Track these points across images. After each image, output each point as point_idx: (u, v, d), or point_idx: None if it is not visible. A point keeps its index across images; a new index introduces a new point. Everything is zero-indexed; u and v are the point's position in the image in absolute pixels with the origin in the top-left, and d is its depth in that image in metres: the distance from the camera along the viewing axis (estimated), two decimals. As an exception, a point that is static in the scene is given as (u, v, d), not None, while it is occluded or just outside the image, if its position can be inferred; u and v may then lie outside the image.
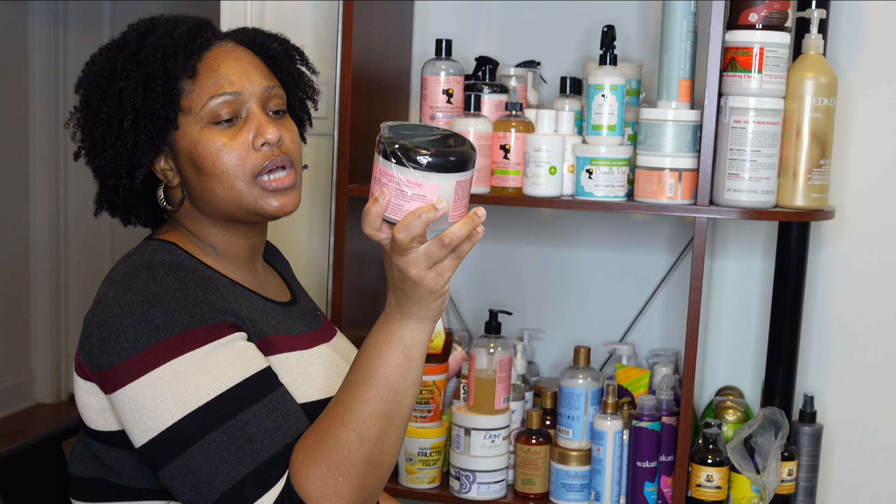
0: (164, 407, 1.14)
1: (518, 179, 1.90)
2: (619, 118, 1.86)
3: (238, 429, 1.14)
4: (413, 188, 1.07)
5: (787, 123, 1.85)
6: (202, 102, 1.26)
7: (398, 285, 1.14)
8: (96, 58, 1.32)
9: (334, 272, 1.97)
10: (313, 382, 1.27)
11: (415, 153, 1.06)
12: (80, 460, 1.29)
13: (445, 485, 1.99)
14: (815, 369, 2.16)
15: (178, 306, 1.17)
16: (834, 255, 2.13)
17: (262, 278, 1.38)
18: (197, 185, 1.28)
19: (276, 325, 1.29)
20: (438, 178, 1.06)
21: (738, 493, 1.90)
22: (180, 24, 1.30)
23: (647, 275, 2.21)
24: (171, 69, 1.25)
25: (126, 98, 1.26)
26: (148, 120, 1.26)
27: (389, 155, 1.07)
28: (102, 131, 1.27)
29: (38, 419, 4.18)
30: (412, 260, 1.11)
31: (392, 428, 1.16)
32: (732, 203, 1.83)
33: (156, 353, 1.15)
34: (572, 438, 1.95)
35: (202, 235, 1.32)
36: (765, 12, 1.81)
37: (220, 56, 1.29)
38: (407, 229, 1.08)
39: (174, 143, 1.28)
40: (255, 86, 1.29)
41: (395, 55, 2.19)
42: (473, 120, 1.89)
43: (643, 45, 2.17)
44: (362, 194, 1.97)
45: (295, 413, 1.19)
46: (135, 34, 1.30)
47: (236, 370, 1.16)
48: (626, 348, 2.11)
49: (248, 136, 1.27)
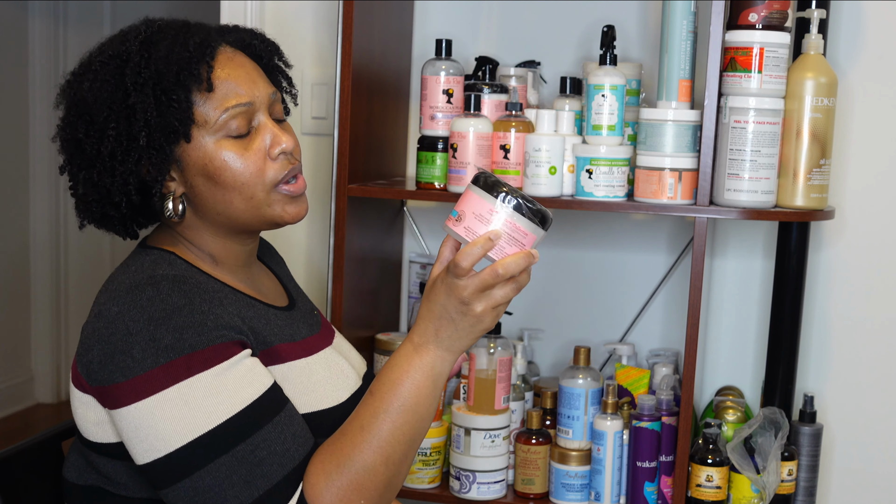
0: (171, 429, 1.13)
1: (518, 179, 1.90)
2: (619, 118, 1.86)
3: (248, 453, 1.14)
4: (520, 235, 1.17)
5: (787, 123, 1.85)
6: (217, 114, 1.23)
7: (452, 317, 1.18)
8: (95, 70, 1.25)
9: (334, 272, 1.97)
10: (317, 392, 1.27)
11: (534, 206, 1.17)
12: (75, 467, 1.28)
13: (445, 485, 1.99)
14: (815, 369, 2.16)
15: (185, 325, 1.15)
16: (834, 255, 2.13)
17: (258, 282, 1.37)
18: (210, 198, 1.26)
19: (279, 333, 1.28)
20: (539, 232, 1.18)
21: (738, 493, 1.90)
22: (189, 34, 1.26)
23: (647, 275, 2.21)
24: (185, 82, 1.22)
25: (139, 114, 1.21)
26: (161, 135, 1.22)
27: (506, 199, 1.16)
28: (112, 149, 1.22)
29: (38, 419, 4.18)
30: (477, 294, 1.17)
31: (413, 451, 1.21)
32: (732, 203, 1.83)
33: (164, 374, 1.13)
34: (572, 438, 1.95)
35: (200, 244, 1.30)
36: (765, 12, 1.81)
37: (226, 64, 1.27)
38: (505, 268, 1.15)
39: (182, 156, 1.25)
40: (262, 93, 1.28)
41: (395, 55, 2.19)
42: (473, 120, 1.89)
43: (643, 45, 2.17)
44: (362, 194, 1.97)
45: (302, 433, 1.20)
46: (135, 44, 1.24)
47: (245, 392, 1.16)
48: (626, 348, 2.11)
49: (262, 146, 1.25)
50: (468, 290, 1.16)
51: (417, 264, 2.26)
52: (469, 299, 1.16)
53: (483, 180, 1.17)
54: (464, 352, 1.21)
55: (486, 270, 1.16)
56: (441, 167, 1.95)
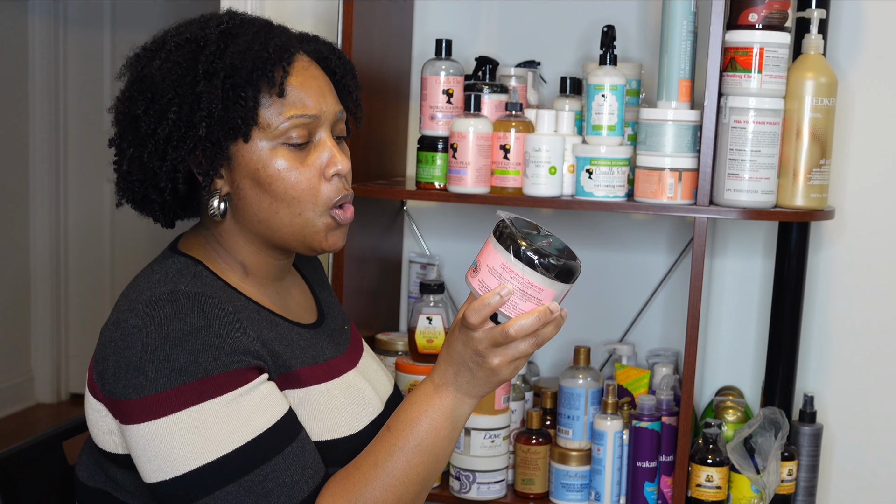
0: (180, 453, 1.11)
1: (518, 179, 1.90)
2: (619, 118, 1.86)
3: (257, 483, 1.13)
4: (534, 291, 1.10)
5: (787, 123, 1.85)
6: (281, 121, 1.21)
7: (469, 366, 1.17)
8: (169, 50, 1.21)
9: (334, 272, 1.97)
10: (333, 419, 1.25)
11: (547, 260, 1.09)
12: (86, 468, 1.27)
13: (445, 485, 1.99)
14: (815, 369, 2.16)
15: (201, 348, 1.13)
16: (834, 255, 2.13)
17: (288, 297, 1.33)
18: (255, 203, 1.23)
19: (301, 355, 1.25)
20: (558, 286, 1.10)
21: (738, 493, 1.90)
22: (271, 35, 1.24)
23: (647, 275, 2.21)
24: (257, 82, 1.20)
25: (203, 103, 1.18)
26: (220, 129, 1.19)
27: (519, 252, 1.09)
28: (168, 132, 1.19)
29: (38, 419, 4.18)
30: (492, 349, 1.14)
31: (425, 491, 1.20)
32: (732, 203, 1.83)
33: (176, 397, 1.11)
34: (572, 438, 1.95)
35: (233, 250, 1.27)
36: (765, 12, 1.81)
37: (301, 73, 1.24)
38: (517, 329, 1.12)
39: (236, 155, 1.22)
40: (329, 109, 1.25)
41: (395, 55, 2.19)
42: (473, 120, 1.89)
43: (643, 45, 2.17)
44: (362, 194, 1.97)
45: (313, 464, 1.18)
46: (215, 32, 1.21)
47: (257, 421, 1.14)
48: (626, 348, 2.11)
49: (318, 162, 1.23)
50: (483, 343, 1.14)
51: (417, 264, 2.26)
52: (484, 353, 1.15)
53: (499, 231, 1.12)
54: (484, 396, 1.20)
55: (497, 329, 1.13)
56: (441, 167, 1.95)
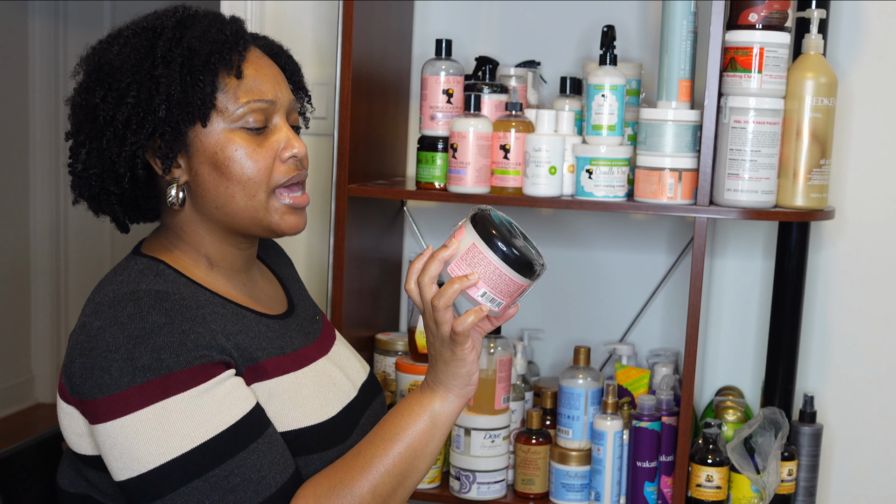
0: (145, 449, 1.12)
1: (518, 179, 1.90)
2: (619, 118, 1.86)
3: (222, 479, 1.13)
4: (508, 285, 1.20)
5: (787, 123, 1.85)
6: (239, 105, 1.23)
7: (442, 354, 1.25)
8: (126, 37, 1.24)
9: (334, 272, 1.97)
10: (303, 407, 1.26)
11: (529, 264, 1.19)
12: (66, 475, 1.28)
13: (445, 485, 1.99)
14: (815, 369, 2.16)
15: (163, 345, 1.13)
16: (834, 255, 2.13)
17: (256, 288, 1.35)
18: (213, 188, 1.24)
19: (268, 346, 1.26)
20: (529, 283, 1.21)
21: (738, 493, 1.90)
22: (225, 22, 1.26)
23: (647, 275, 2.21)
24: (216, 65, 1.22)
25: (162, 87, 1.20)
26: (179, 112, 1.20)
27: (506, 257, 1.19)
28: (127, 117, 1.20)
29: (38, 419, 4.18)
30: (442, 313, 1.22)
31: (402, 489, 1.23)
32: (732, 203, 1.83)
33: (139, 394, 1.12)
34: (572, 438, 1.95)
35: (196, 243, 1.28)
36: (765, 12, 1.81)
37: (256, 61, 1.27)
38: (431, 277, 1.22)
39: (193, 141, 1.23)
40: (284, 97, 1.28)
41: (395, 55, 2.19)
42: (473, 120, 1.89)
43: (643, 45, 2.17)
44: (362, 194, 1.97)
45: (281, 459, 1.19)
46: (170, 21, 1.24)
47: (222, 416, 1.14)
48: (626, 348, 2.11)
49: (275, 146, 1.25)
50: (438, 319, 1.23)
51: (417, 264, 2.26)
52: (439, 321, 1.21)
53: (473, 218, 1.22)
54: (459, 396, 1.25)
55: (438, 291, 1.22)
56: (441, 167, 1.95)
